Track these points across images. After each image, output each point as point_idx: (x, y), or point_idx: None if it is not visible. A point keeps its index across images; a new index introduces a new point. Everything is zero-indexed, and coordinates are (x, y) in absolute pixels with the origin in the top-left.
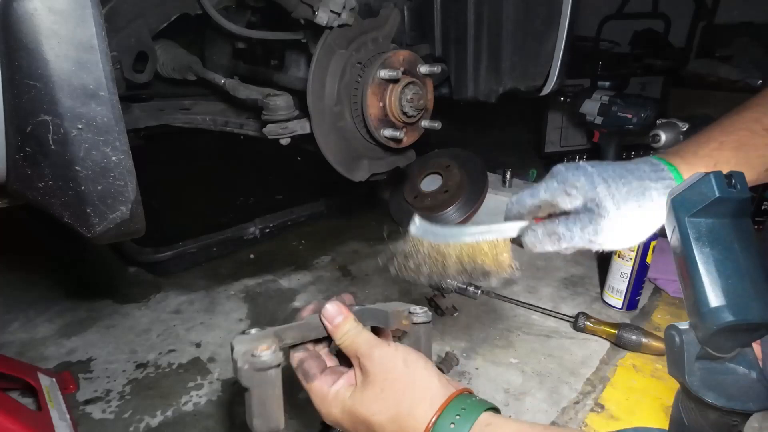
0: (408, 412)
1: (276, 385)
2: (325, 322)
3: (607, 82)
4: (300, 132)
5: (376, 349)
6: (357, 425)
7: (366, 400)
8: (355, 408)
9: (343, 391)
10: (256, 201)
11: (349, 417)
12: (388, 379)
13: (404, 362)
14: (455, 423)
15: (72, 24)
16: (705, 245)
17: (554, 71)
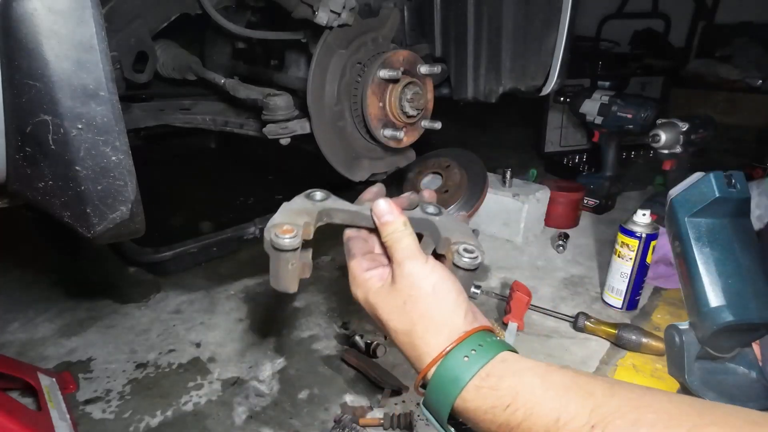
0: (422, 334)
1: (289, 263)
2: (374, 217)
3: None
4: (300, 132)
5: (410, 262)
6: (374, 318)
7: (387, 305)
8: (376, 304)
9: (372, 282)
10: (256, 201)
11: (369, 307)
12: (412, 296)
13: (433, 287)
14: (469, 357)
15: (72, 24)
16: (705, 245)
17: (554, 71)
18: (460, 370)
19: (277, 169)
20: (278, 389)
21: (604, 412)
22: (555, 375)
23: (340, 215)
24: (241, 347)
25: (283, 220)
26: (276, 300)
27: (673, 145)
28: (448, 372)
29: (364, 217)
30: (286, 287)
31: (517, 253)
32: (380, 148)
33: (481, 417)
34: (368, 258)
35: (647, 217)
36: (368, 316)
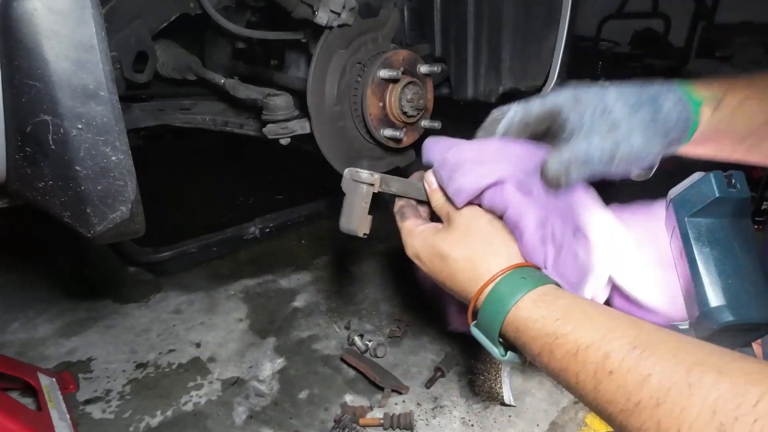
0: (483, 257)
1: (364, 200)
2: (426, 185)
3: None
4: (300, 132)
5: (466, 208)
6: (433, 257)
7: (448, 239)
8: (436, 243)
9: (430, 230)
10: (256, 201)
11: (428, 250)
12: (472, 228)
13: (489, 222)
14: (527, 278)
15: (72, 24)
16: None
17: (554, 71)
18: (519, 285)
19: (277, 169)
20: (278, 389)
21: (647, 339)
22: (606, 307)
23: (395, 184)
24: (241, 347)
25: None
26: (276, 300)
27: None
28: (508, 286)
29: (416, 189)
30: (357, 227)
31: None
32: (380, 148)
33: (531, 326)
34: (420, 219)
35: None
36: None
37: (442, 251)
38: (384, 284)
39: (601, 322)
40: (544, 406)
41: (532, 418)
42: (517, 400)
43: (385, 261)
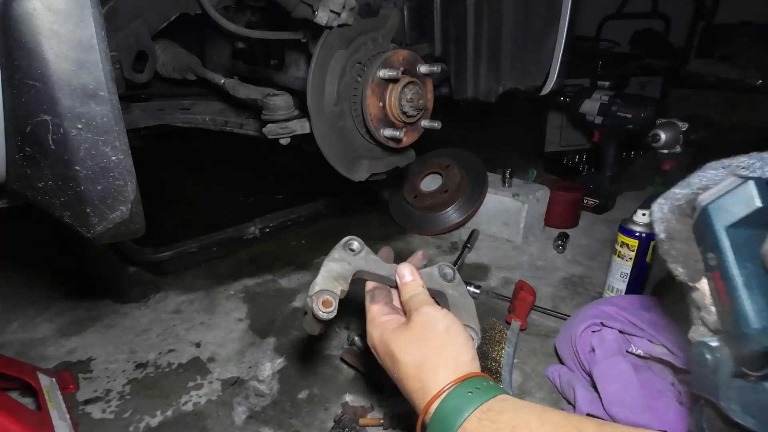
0: (431, 367)
1: (319, 326)
2: (397, 278)
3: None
4: (300, 132)
5: (427, 307)
6: (386, 356)
7: (401, 340)
8: (390, 341)
9: (390, 324)
10: (256, 201)
11: (382, 346)
12: (426, 333)
13: (446, 328)
14: (473, 392)
15: (72, 24)
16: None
17: (554, 71)
18: (464, 403)
19: (277, 169)
20: (278, 389)
21: None
22: (549, 414)
23: (370, 277)
24: (241, 347)
25: (324, 286)
26: (276, 300)
27: (672, 145)
28: (454, 402)
29: (389, 280)
30: (313, 333)
31: (517, 253)
32: (380, 148)
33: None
34: (389, 306)
35: (647, 217)
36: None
37: (395, 352)
38: None
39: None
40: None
41: None
42: None
43: None
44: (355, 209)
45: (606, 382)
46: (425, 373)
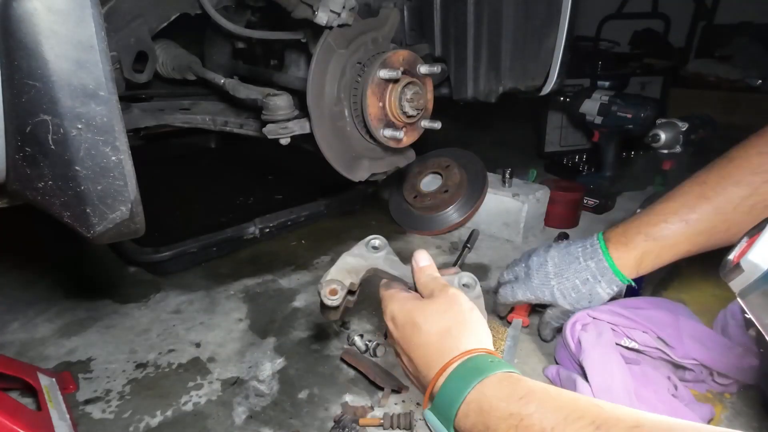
0: (456, 335)
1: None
2: (414, 263)
3: (606, 81)
4: (300, 132)
5: (451, 289)
6: (406, 324)
7: (426, 311)
8: (413, 310)
9: (411, 297)
10: (256, 201)
11: (404, 315)
12: (452, 307)
13: (471, 308)
14: (494, 361)
15: (71, 24)
16: None
17: (554, 71)
18: (485, 366)
19: (277, 169)
20: (278, 389)
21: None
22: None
23: (384, 275)
24: (241, 347)
25: (334, 276)
26: (276, 300)
27: (672, 145)
28: (476, 364)
29: (403, 281)
30: (328, 319)
31: (517, 253)
32: (380, 148)
33: (496, 406)
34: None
35: None
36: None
37: (417, 321)
38: None
39: (563, 402)
40: None
41: None
42: None
43: None
44: (355, 209)
45: (594, 371)
46: (449, 339)
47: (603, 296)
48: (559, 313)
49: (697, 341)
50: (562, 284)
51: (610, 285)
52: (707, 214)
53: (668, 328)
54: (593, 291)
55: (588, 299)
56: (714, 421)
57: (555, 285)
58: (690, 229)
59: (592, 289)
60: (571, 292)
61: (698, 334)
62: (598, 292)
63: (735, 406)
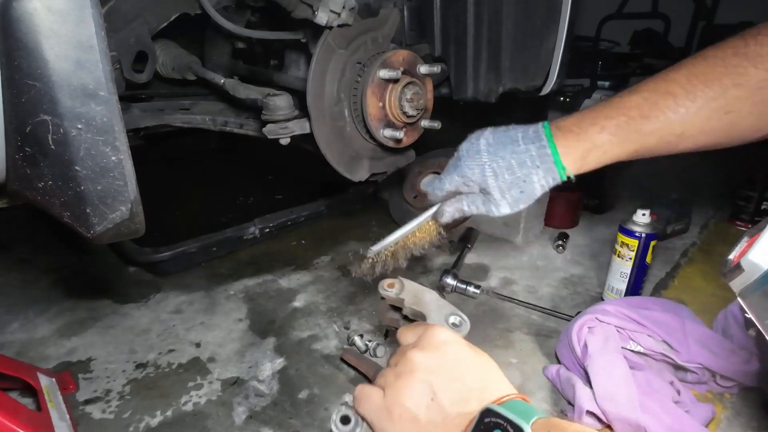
0: (483, 386)
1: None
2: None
3: (606, 82)
4: (300, 132)
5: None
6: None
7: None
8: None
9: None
10: (256, 201)
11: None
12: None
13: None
14: (526, 407)
15: (71, 24)
16: None
17: (554, 71)
18: (528, 408)
19: (277, 169)
20: (278, 389)
21: None
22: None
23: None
24: (241, 347)
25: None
26: (276, 300)
27: None
28: (519, 406)
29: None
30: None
31: (517, 253)
32: (380, 148)
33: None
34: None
35: (647, 217)
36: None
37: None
38: None
39: None
40: (544, 407)
41: None
42: None
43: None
44: (355, 209)
45: (599, 378)
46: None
47: (536, 188)
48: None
49: (702, 345)
50: (496, 162)
51: (547, 176)
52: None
53: (675, 331)
54: (528, 178)
55: (520, 188)
56: (714, 421)
57: (487, 162)
58: (648, 126)
59: (527, 176)
60: (504, 173)
61: (704, 338)
62: (533, 180)
63: (735, 406)
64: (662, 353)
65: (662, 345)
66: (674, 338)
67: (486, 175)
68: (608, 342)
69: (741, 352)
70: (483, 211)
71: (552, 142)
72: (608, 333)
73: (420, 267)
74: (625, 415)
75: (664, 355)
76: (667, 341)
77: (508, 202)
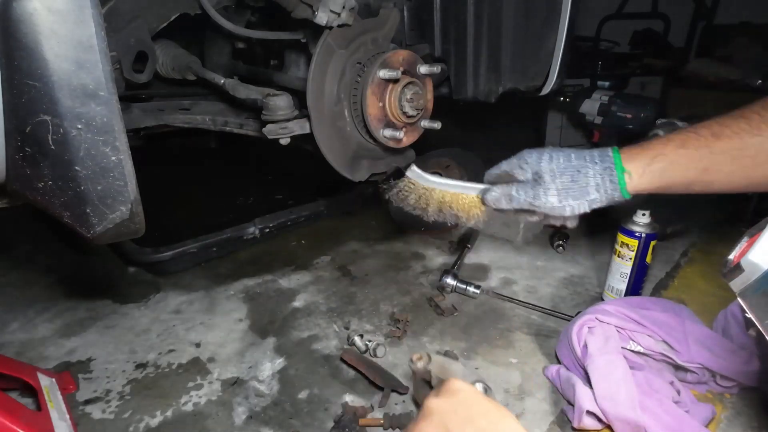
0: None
1: None
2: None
3: (606, 82)
4: (300, 132)
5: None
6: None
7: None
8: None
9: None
10: (256, 201)
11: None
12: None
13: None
14: None
15: (71, 24)
16: None
17: (554, 71)
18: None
19: (277, 169)
20: (278, 389)
21: None
22: None
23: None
24: (241, 347)
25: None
26: (276, 300)
27: None
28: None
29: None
30: None
31: (517, 253)
32: (380, 148)
33: None
34: None
35: (647, 217)
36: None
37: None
38: (384, 284)
39: None
40: (544, 406)
41: (531, 418)
42: (517, 400)
43: (385, 261)
44: (355, 209)
45: (599, 378)
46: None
47: (590, 182)
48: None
49: (702, 346)
50: (555, 152)
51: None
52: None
53: (675, 331)
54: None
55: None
56: (714, 421)
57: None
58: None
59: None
60: (560, 158)
61: (704, 338)
62: (588, 173)
63: (735, 406)
64: (662, 353)
65: (662, 345)
66: (674, 338)
67: (542, 159)
68: (608, 342)
69: (741, 352)
70: (531, 200)
71: (615, 150)
72: (608, 333)
73: (420, 267)
74: (624, 415)
75: (664, 355)
76: (667, 341)
77: (557, 189)
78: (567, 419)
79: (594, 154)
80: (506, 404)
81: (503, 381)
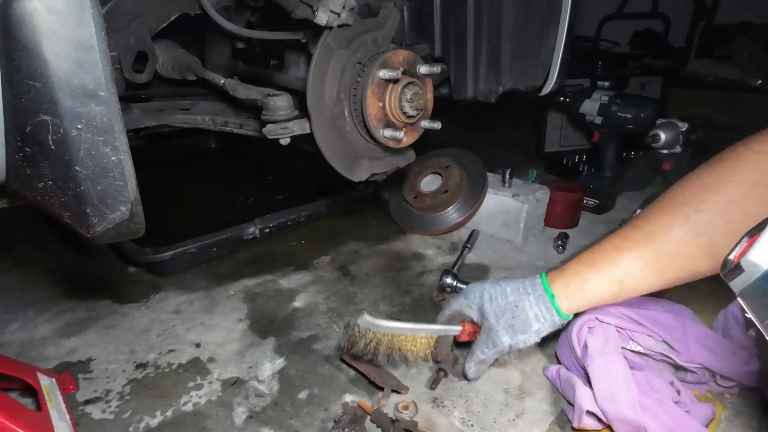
0: None
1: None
2: None
3: (606, 82)
4: (300, 132)
5: None
6: None
7: None
8: None
9: None
10: (256, 201)
11: None
12: None
13: None
14: None
15: (71, 24)
16: None
17: (554, 71)
18: None
19: (277, 169)
20: (278, 389)
21: None
22: None
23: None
24: (241, 347)
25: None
26: (276, 300)
27: (672, 145)
28: None
29: None
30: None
31: (517, 253)
32: (380, 148)
33: None
34: None
35: None
36: None
37: None
38: (384, 284)
39: None
40: (544, 406)
41: (531, 418)
42: (517, 400)
43: (385, 261)
44: (355, 209)
45: (599, 378)
46: None
47: (529, 315)
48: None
49: (702, 346)
50: (493, 288)
51: (540, 303)
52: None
53: (674, 331)
54: (520, 303)
55: (512, 313)
56: (714, 421)
57: (486, 287)
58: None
59: (519, 301)
60: (498, 298)
61: (704, 338)
62: (524, 306)
63: (735, 406)
64: (662, 353)
65: (662, 345)
66: (674, 338)
67: (483, 299)
68: (608, 342)
69: (741, 352)
70: (495, 349)
71: (543, 276)
72: (608, 333)
73: (420, 267)
74: (624, 415)
75: (664, 355)
76: (667, 341)
77: (504, 329)
78: (567, 419)
79: (526, 284)
80: (506, 404)
81: (503, 381)
